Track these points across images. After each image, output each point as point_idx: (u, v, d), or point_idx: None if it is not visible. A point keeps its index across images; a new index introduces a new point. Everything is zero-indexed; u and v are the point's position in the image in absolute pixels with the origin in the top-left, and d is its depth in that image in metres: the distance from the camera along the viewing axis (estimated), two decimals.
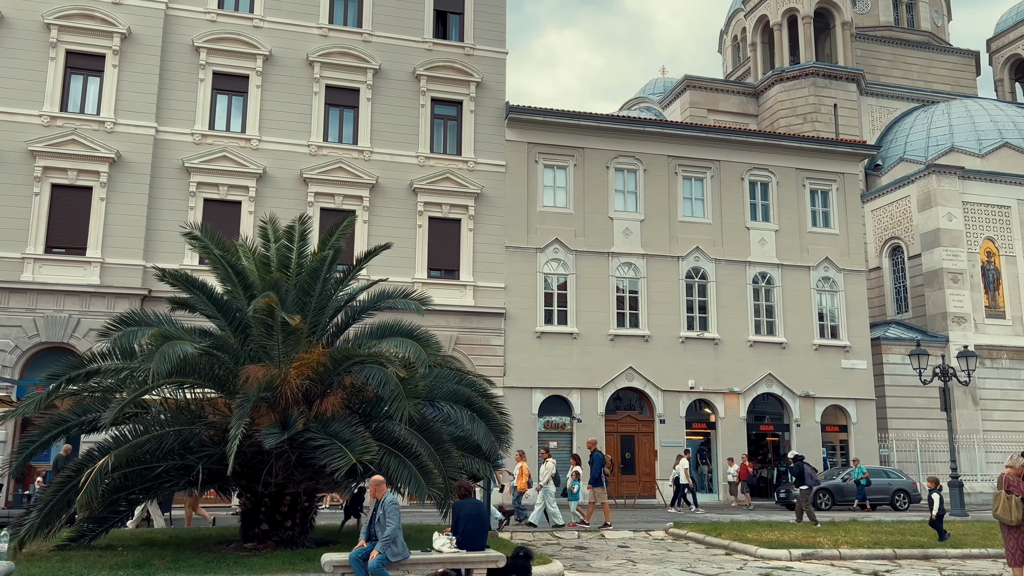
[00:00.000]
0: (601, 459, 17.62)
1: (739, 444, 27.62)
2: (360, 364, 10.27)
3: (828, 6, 40.75)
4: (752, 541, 13.01)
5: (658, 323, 27.52)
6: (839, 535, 13.84)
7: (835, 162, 30.31)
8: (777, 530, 14.58)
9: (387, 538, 8.75)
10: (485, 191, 26.47)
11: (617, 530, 15.68)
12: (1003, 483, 10.39)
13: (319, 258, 11.55)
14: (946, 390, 22.73)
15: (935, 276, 33.95)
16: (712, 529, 14.42)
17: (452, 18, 27.59)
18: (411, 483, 9.72)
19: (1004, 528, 10.37)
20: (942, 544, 13.43)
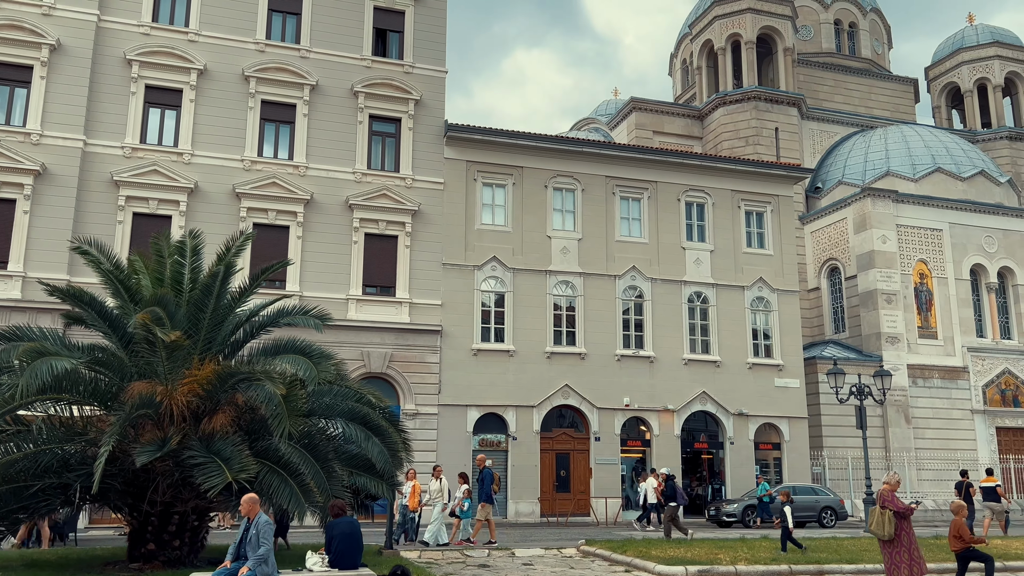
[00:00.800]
0: (491, 476, 17.69)
1: (674, 462, 27.80)
2: (246, 381, 10.20)
3: (771, 32, 41.77)
4: (653, 558, 13.11)
5: (595, 341, 27.72)
6: (740, 551, 14.02)
7: (770, 184, 30.96)
8: (684, 547, 14.72)
9: (260, 557, 8.67)
10: (423, 208, 26.52)
11: (529, 547, 15.69)
12: (879, 499, 10.66)
13: (211, 274, 11.46)
14: (862, 409, 23.23)
15: (870, 297, 34.76)
16: (619, 546, 14.51)
17: (392, 36, 27.74)
18: (291, 501, 9.65)
19: (880, 543, 10.62)
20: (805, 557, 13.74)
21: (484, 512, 17.11)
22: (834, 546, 15.30)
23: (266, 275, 13.06)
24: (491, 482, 17.52)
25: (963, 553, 10.38)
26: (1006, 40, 46.21)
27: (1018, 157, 44.78)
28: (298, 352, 11.19)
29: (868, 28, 48.59)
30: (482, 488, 17.77)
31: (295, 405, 9.70)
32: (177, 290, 11.43)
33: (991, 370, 35.60)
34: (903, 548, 10.33)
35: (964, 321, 35.74)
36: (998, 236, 37.08)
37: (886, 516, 10.39)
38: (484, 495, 17.53)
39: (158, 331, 9.67)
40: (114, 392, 10.72)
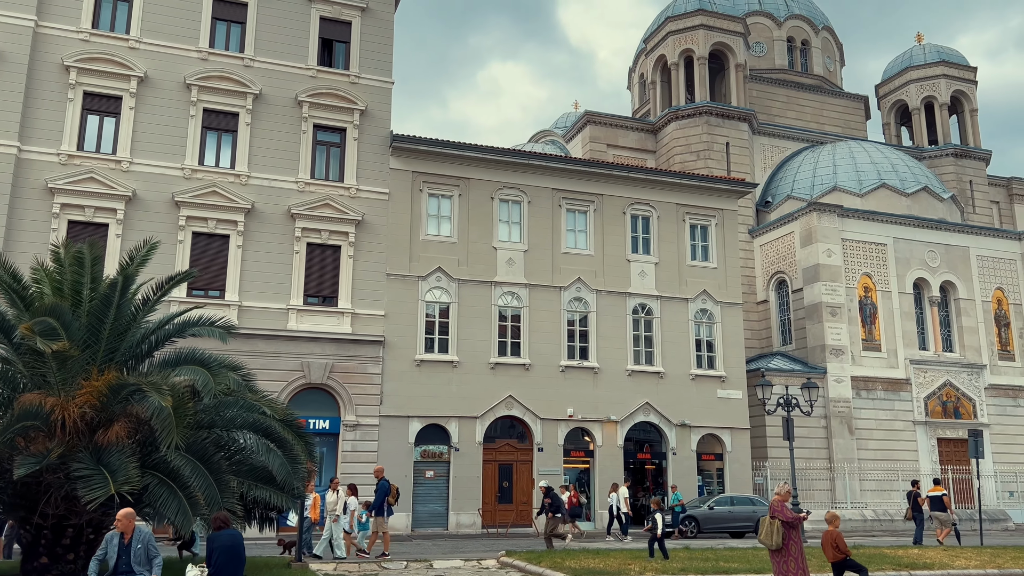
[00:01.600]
0: (386, 488, 17.70)
1: (617, 472, 28.00)
2: (138, 393, 10.13)
3: (723, 49, 42.46)
4: (565, 569, 13.20)
5: (539, 352, 27.85)
6: (652, 562, 14.15)
7: (715, 198, 31.41)
8: (602, 558, 14.82)
9: (160, 564, 8.76)
10: (367, 218, 26.50)
11: (448, 559, 15.70)
12: (770, 509, 10.86)
13: (110, 284, 11.37)
14: (788, 420, 23.57)
15: (815, 310, 35.35)
16: (535, 557, 14.57)
17: (338, 46, 27.77)
18: (178, 513, 9.59)
19: (770, 553, 10.81)
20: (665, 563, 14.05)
21: (378, 524, 17.19)
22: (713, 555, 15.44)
23: (172, 285, 12.94)
24: (386, 494, 17.55)
25: (839, 563, 10.59)
26: (952, 59, 47.42)
27: (963, 173, 45.92)
28: (198, 363, 11.13)
29: (820, 46, 49.59)
30: (377, 500, 17.77)
31: (184, 416, 9.65)
32: (76, 300, 11.32)
33: (933, 382, 36.34)
34: (791, 557, 10.53)
35: (907, 334, 36.47)
36: (940, 251, 37.95)
37: (775, 526, 10.59)
38: (375, 506, 17.56)
39: (39, 341, 9.57)
40: (7, 402, 10.58)
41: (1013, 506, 35.20)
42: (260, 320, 24.78)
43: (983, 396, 37.06)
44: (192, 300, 24.20)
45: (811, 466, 33.36)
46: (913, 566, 14.49)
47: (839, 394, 34.34)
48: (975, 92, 47.47)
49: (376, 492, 17.93)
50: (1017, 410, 37.69)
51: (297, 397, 25.07)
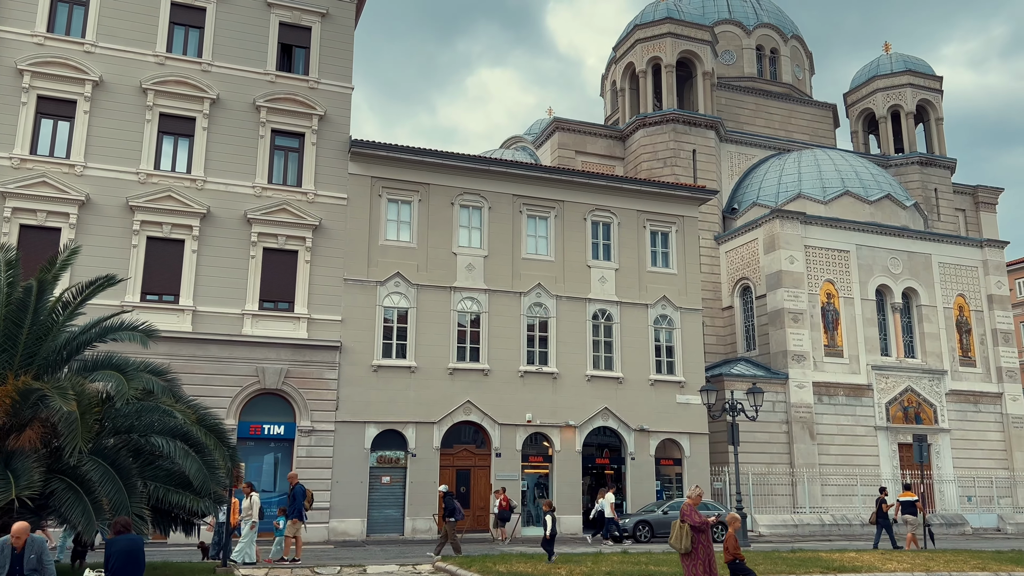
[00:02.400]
0: (302, 493, 17.77)
1: (575, 477, 28.13)
2: (47, 398, 10.13)
3: (690, 57, 42.81)
4: (494, 573, 13.27)
5: (498, 357, 27.93)
6: (584, 565, 14.24)
7: (675, 205, 31.65)
8: (533, 562, 14.89)
9: (53, 573, 8.70)
10: (325, 223, 26.52)
11: (383, 564, 15.72)
12: (681, 513, 10.99)
13: (25, 288, 11.36)
14: (734, 425, 23.76)
15: (778, 316, 35.64)
16: (467, 562, 14.63)
17: (298, 52, 27.81)
18: (83, 518, 9.59)
19: (680, 556, 10.94)
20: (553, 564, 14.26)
21: (293, 529, 17.28)
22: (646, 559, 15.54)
23: (94, 291, 12.91)
24: (302, 499, 17.62)
25: (732, 563, 10.71)
26: (918, 69, 48.03)
27: (928, 181, 46.49)
28: (115, 368, 11.13)
29: (789, 54, 50.10)
30: (292, 505, 17.81)
31: (91, 421, 9.66)
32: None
33: (894, 388, 36.72)
34: (699, 560, 10.66)
35: (869, 340, 36.84)
36: (903, 258, 38.40)
37: (684, 530, 10.72)
38: (294, 511, 17.58)
39: None
40: None
41: (971, 510, 35.59)
42: (215, 325, 24.73)
43: (944, 402, 37.48)
44: (145, 305, 24.20)
45: (773, 471, 33.60)
46: (841, 569, 14.66)
47: (801, 399, 34.63)
48: (940, 101, 48.07)
49: (292, 497, 17.96)
50: (977, 415, 38.14)
51: (252, 402, 25.05)
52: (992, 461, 37.80)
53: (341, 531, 24.81)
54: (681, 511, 10.95)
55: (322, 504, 24.70)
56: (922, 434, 25.16)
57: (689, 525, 10.70)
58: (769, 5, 51.50)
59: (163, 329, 23.97)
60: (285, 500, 23.91)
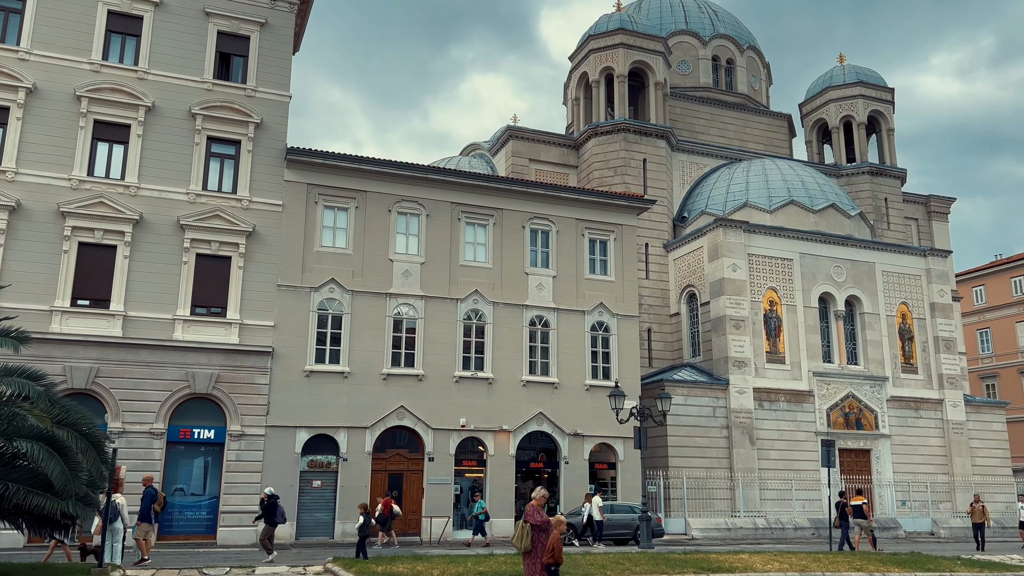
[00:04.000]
0: (150, 495, 17.98)
1: (508, 481, 28.52)
2: None
3: (643, 67, 43.43)
4: (369, 573, 13.62)
5: (434, 363, 28.29)
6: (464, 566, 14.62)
7: (614, 214, 32.16)
8: (411, 563, 15.24)
9: None
10: (259, 229, 26.84)
11: (274, 566, 16.04)
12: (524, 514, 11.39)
13: None
14: (641, 430, 24.20)
15: (720, 323, 36.20)
16: (350, 564, 14.98)
17: (236, 60, 28.16)
18: None
19: (523, 555, 11.33)
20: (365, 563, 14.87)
21: (141, 531, 17.64)
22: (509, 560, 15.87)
23: None
24: (150, 502, 17.91)
25: (550, 565, 11.08)
26: (870, 80, 48.87)
27: (878, 191, 47.28)
28: None
29: (745, 65, 50.85)
30: (141, 507, 18.08)
31: None
32: None
33: (836, 394, 37.33)
34: (538, 559, 11.05)
35: (811, 347, 37.45)
36: (847, 266, 39.05)
37: (525, 529, 11.13)
38: (141, 513, 17.91)
39: None
40: None
41: (905, 514, 36.21)
42: (146, 330, 24.99)
43: (885, 408, 38.11)
44: (75, 310, 24.48)
45: (712, 475, 34.09)
46: (719, 569, 15.10)
47: (741, 405, 35.17)
48: (892, 112, 48.90)
49: (142, 499, 18.24)
50: (918, 421, 38.80)
51: (183, 407, 25.30)
52: (932, 466, 38.45)
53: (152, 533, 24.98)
54: (525, 511, 11.35)
55: (250, 508, 24.91)
56: (830, 440, 25.62)
57: (531, 525, 11.11)
58: (727, 16, 52.28)
59: (93, 334, 24.40)
60: (210, 504, 24.42)
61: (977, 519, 24.74)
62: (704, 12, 51.17)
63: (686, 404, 34.55)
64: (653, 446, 34.74)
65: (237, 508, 24.92)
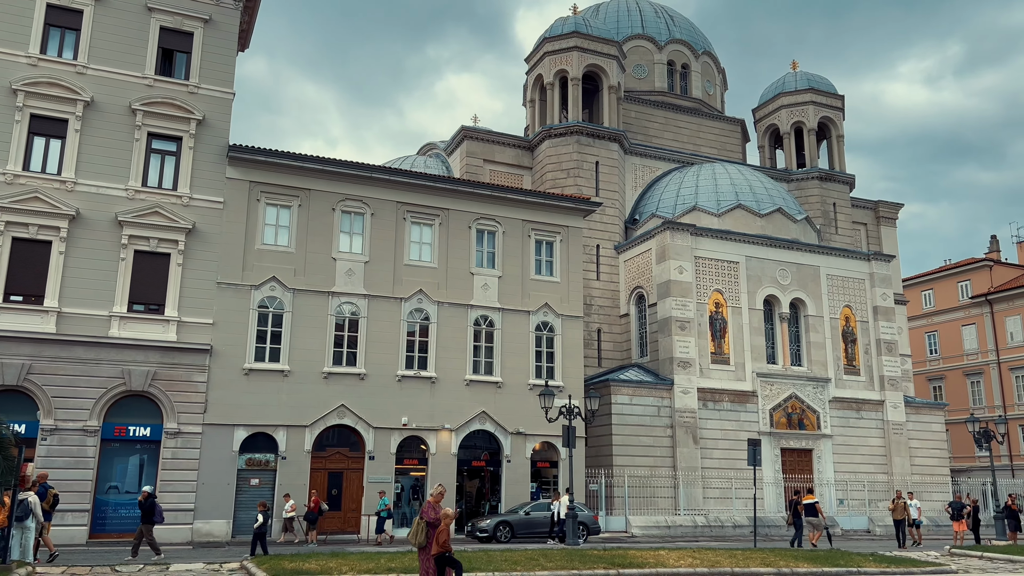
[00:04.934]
0: (42, 493, 17.74)
1: (450, 479, 28.70)
2: None
3: (597, 71, 43.87)
4: (279, 570, 13.74)
5: (376, 362, 28.38)
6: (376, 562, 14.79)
7: (561, 215, 32.51)
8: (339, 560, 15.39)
9: None
10: (199, 227, 26.73)
11: (191, 563, 16.08)
12: (421, 510, 11.62)
13: None
14: (571, 428, 24.56)
15: (666, 324, 36.73)
16: (262, 561, 15.08)
17: (179, 56, 27.99)
18: None
19: (418, 550, 11.56)
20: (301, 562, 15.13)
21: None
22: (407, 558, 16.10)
23: None
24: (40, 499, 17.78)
25: (438, 556, 11.35)
26: (821, 87, 49.83)
27: (827, 196, 48.24)
28: None
29: (700, 70, 51.57)
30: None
31: None
32: None
33: (779, 395, 38.06)
34: (432, 555, 11.28)
35: (756, 348, 38.14)
36: (792, 269, 39.84)
37: (420, 525, 11.36)
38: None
39: None
40: None
41: (844, 513, 37.04)
42: (81, 327, 24.77)
43: (827, 408, 38.95)
44: (8, 306, 24.20)
45: (656, 474, 34.59)
46: (630, 565, 15.44)
47: (685, 405, 35.73)
48: (841, 119, 49.92)
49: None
50: (860, 422, 39.71)
51: (118, 404, 25.12)
52: (872, 466, 39.37)
53: (205, 532, 25.01)
54: (422, 508, 11.57)
55: (186, 506, 24.91)
56: (756, 439, 26.21)
57: (426, 521, 11.33)
58: (683, 22, 52.99)
59: (25, 330, 24.15)
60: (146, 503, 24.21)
61: (898, 516, 25.46)
62: (660, 17, 51.81)
63: (631, 404, 35.04)
64: (598, 445, 35.20)
65: (173, 506, 24.70)
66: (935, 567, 17.78)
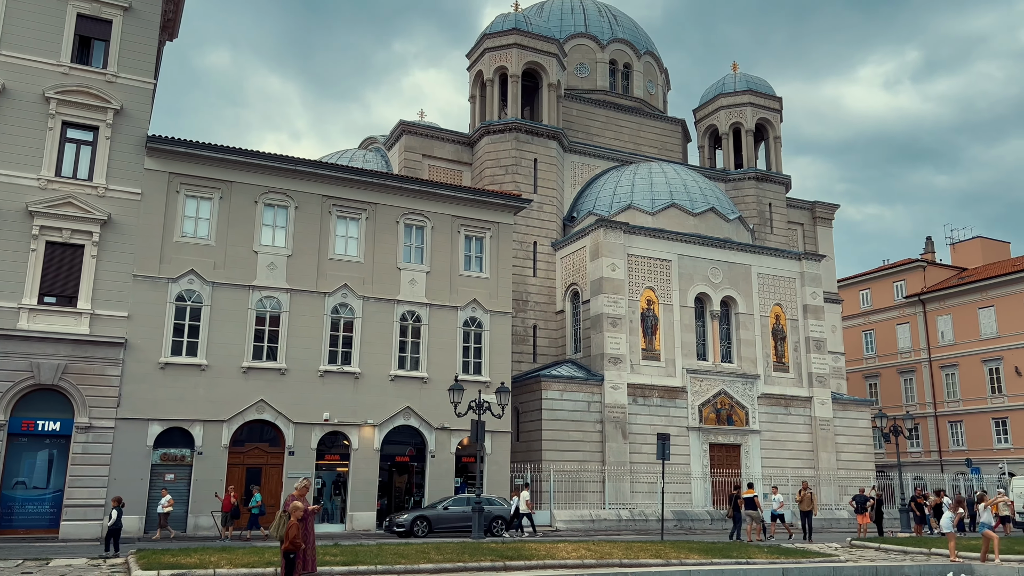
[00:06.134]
0: None
1: (372, 475, 28.66)
2: None
3: (536, 68, 44.05)
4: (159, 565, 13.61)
5: (298, 356, 28.19)
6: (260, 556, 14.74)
7: (491, 212, 32.61)
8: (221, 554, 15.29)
9: None
10: (115, 218, 26.26)
11: (73, 558, 15.86)
12: (284, 504, 11.62)
13: None
14: (480, 423, 24.73)
15: (598, 320, 37.10)
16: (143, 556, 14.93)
17: (97, 44, 27.45)
18: None
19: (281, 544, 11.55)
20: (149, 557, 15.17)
21: None
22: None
23: None
24: None
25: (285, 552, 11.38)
26: (759, 89, 50.70)
27: (763, 196, 49.14)
28: None
29: (643, 70, 52.10)
30: None
31: None
32: None
33: (709, 390, 38.71)
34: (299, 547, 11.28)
35: (687, 345, 38.72)
36: (723, 268, 40.51)
37: (282, 519, 11.36)
38: None
39: None
40: None
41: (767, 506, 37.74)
42: None
43: (756, 404, 39.72)
44: None
45: (585, 468, 34.94)
46: (519, 557, 15.62)
47: (615, 400, 36.13)
48: (779, 121, 50.85)
49: None
50: (788, 418, 40.57)
51: (27, 398, 24.59)
52: (799, 461, 40.26)
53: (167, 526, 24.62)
54: (284, 502, 11.57)
55: (97, 501, 24.49)
56: (665, 433, 26.66)
57: (287, 514, 11.33)
58: (626, 21, 53.45)
59: None
60: (54, 498, 23.86)
61: (805, 507, 26.12)
62: (604, 16, 52.20)
63: (562, 399, 35.34)
64: (529, 440, 35.47)
65: (82, 502, 24.39)
66: (824, 557, 18.29)
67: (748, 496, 26.10)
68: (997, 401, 52.88)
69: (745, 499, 26.03)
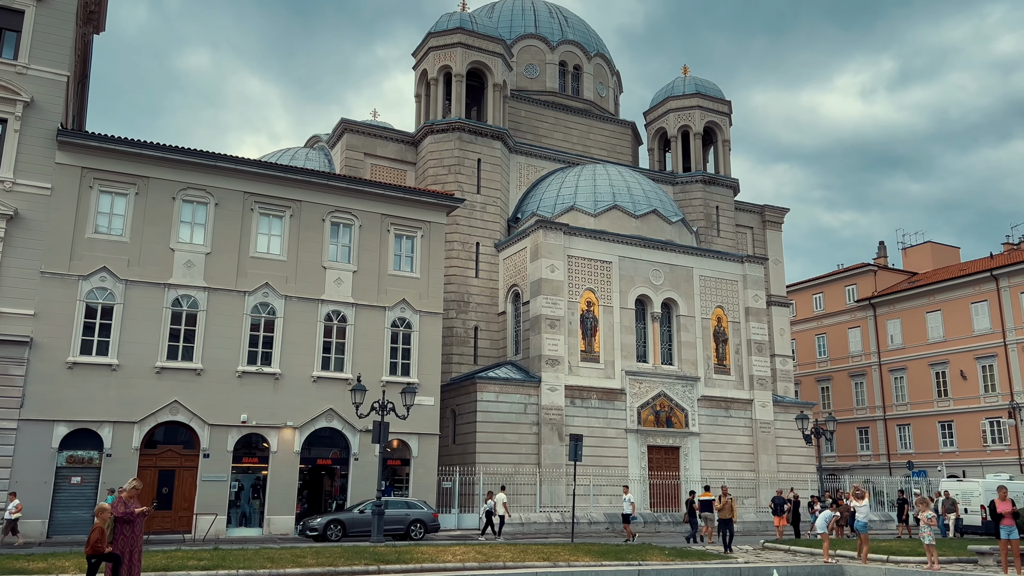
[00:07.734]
0: None
1: (291, 479, 28.06)
2: None
3: (482, 68, 43.72)
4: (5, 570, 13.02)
5: (215, 357, 27.53)
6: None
7: (423, 211, 32.17)
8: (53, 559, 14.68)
9: None
10: (23, 213, 25.48)
11: None
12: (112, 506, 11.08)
13: None
14: (382, 424, 24.27)
15: (537, 321, 36.77)
16: None
17: (8, 35, 26.66)
18: None
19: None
20: None
21: None
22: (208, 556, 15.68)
23: None
24: None
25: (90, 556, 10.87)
26: (708, 92, 50.76)
27: (711, 199, 49.15)
28: None
29: (593, 72, 51.97)
30: None
31: None
32: None
33: (648, 392, 38.51)
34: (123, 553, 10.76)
35: (626, 347, 38.50)
36: (665, 270, 40.37)
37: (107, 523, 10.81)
38: None
39: None
40: None
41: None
42: None
43: (696, 407, 39.58)
44: None
45: (520, 471, 34.55)
46: (398, 560, 15.18)
47: (552, 402, 35.80)
48: (728, 124, 50.93)
49: None
50: (728, 420, 40.48)
51: None
52: (740, 463, 40.18)
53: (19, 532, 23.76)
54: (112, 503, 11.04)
55: None
56: (578, 434, 26.39)
57: (114, 517, 10.81)
58: (577, 23, 53.32)
59: None
60: None
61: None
62: (555, 17, 52.03)
63: (498, 401, 34.94)
64: (464, 442, 35.04)
65: None
66: (720, 559, 18.05)
67: (705, 499, 26.41)
68: (943, 404, 53.31)
69: (702, 502, 26.34)
